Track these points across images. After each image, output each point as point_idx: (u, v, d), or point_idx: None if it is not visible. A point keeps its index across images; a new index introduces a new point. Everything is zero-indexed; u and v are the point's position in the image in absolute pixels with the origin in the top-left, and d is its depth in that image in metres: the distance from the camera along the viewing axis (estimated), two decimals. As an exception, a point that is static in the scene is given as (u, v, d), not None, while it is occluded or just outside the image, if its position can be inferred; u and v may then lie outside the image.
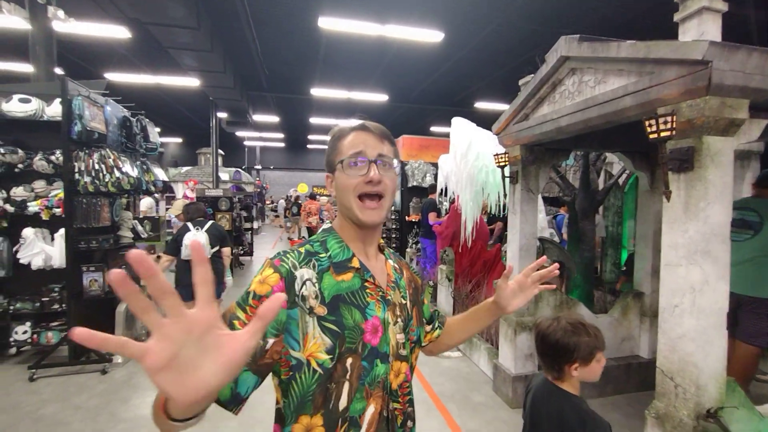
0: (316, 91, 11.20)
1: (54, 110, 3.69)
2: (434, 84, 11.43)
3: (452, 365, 3.82)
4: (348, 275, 0.81)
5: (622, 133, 2.71)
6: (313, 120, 16.26)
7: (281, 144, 23.88)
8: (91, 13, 6.69)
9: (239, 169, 17.77)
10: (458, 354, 4.05)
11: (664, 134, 1.79)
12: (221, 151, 14.84)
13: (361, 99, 11.87)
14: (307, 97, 12.33)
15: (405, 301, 0.88)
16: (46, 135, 3.72)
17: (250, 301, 0.73)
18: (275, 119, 16.17)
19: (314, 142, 23.41)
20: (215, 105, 12.29)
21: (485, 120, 5.18)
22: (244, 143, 22.49)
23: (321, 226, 1.55)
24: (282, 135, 20.66)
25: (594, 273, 4.40)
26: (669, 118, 1.77)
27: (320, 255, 0.81)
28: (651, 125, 1.82)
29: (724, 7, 1.79)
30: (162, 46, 7.47)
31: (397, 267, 0.94)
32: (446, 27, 7.05)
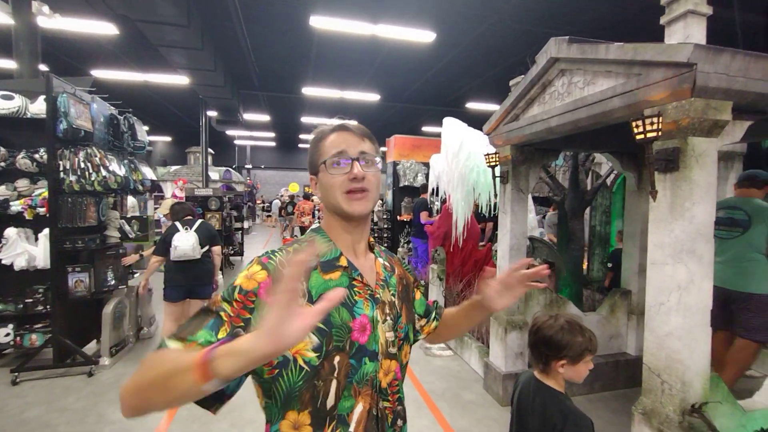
0: (308, 90, 11.14)
1: (38, 107, 3.60)
2: (426, 84, 11.46)
3: (443, 364, 3.84)
4: (336, 274, 0.81)
5: (611, 134, 2.75)
6: (305, 119, 16.20)
7: (272, 143, 23.70)
8: (79, 9, 6.56)
9: (230, 169, 17.63)
10: (449, 353, 4.07)
11: (651, 135, 1.82)
12: (211, 150, 14.70)
13: (353, 98, 11.84)
14: (299, 96, 12.28)
15: (394, 299, 0.88)
16: (30, 132, 3.63)
17: (236, 296, 0.72)
18: (266, 118, 16.05)
19: (306, 142, 23.02)
20: (205, 103, 12.15)
21: (477, 120, 5.19)
22: (235, 142, 22.28)
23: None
24: (273, 134, 20.50)
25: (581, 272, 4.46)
26: (655, 119, 1.80)
27: None
28: (638, 126, 1.85)
29: (709, 11, 1.83)
30: (151, 44, 7.36)
31: (388, 265, 0.94)
32: (438, 27, 7.08)
